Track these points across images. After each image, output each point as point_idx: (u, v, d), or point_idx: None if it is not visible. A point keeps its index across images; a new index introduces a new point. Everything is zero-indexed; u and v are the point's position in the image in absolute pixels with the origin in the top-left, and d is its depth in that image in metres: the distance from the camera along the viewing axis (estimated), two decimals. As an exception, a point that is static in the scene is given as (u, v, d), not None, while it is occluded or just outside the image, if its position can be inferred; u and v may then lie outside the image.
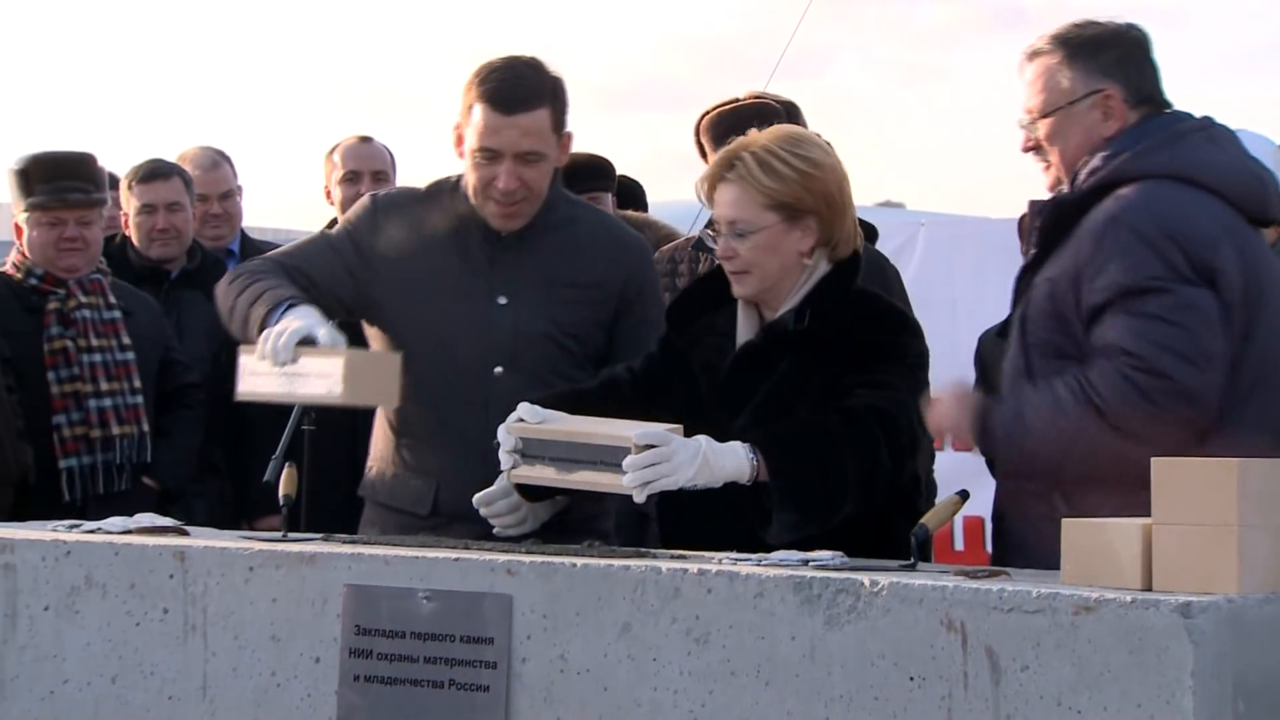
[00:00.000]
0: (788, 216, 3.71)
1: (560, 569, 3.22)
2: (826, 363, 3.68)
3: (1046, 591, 2.85)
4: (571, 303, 4.14)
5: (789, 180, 3.70)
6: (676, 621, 3.11)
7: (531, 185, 4.09)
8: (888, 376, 3.65)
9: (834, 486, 3.54)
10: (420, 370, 4.13)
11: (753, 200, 3.70)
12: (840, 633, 2.98)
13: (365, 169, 6.02)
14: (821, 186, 3.73)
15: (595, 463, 3.49)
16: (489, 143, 4.04)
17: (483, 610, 3.25)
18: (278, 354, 3.78)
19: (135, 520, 3.79)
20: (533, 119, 4.04)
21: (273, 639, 3.42)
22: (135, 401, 5.33)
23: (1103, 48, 3.68)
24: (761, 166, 3.70)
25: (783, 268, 3.74)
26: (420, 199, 4.23)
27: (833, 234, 3.76)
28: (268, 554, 3.46)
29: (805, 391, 3.67)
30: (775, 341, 3.74)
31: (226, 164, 6.48)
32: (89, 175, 5.39)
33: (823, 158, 3.76)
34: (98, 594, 3.56)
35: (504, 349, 4.11)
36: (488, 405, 4.02)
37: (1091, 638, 2.79)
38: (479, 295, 4.13)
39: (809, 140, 3.79)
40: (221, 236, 6.44)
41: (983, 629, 2.87)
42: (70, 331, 5.30)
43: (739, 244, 3.72)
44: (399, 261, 4.16)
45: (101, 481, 5.25)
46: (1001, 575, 3.07)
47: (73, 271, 5.35)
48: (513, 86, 4.03)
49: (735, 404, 3.73)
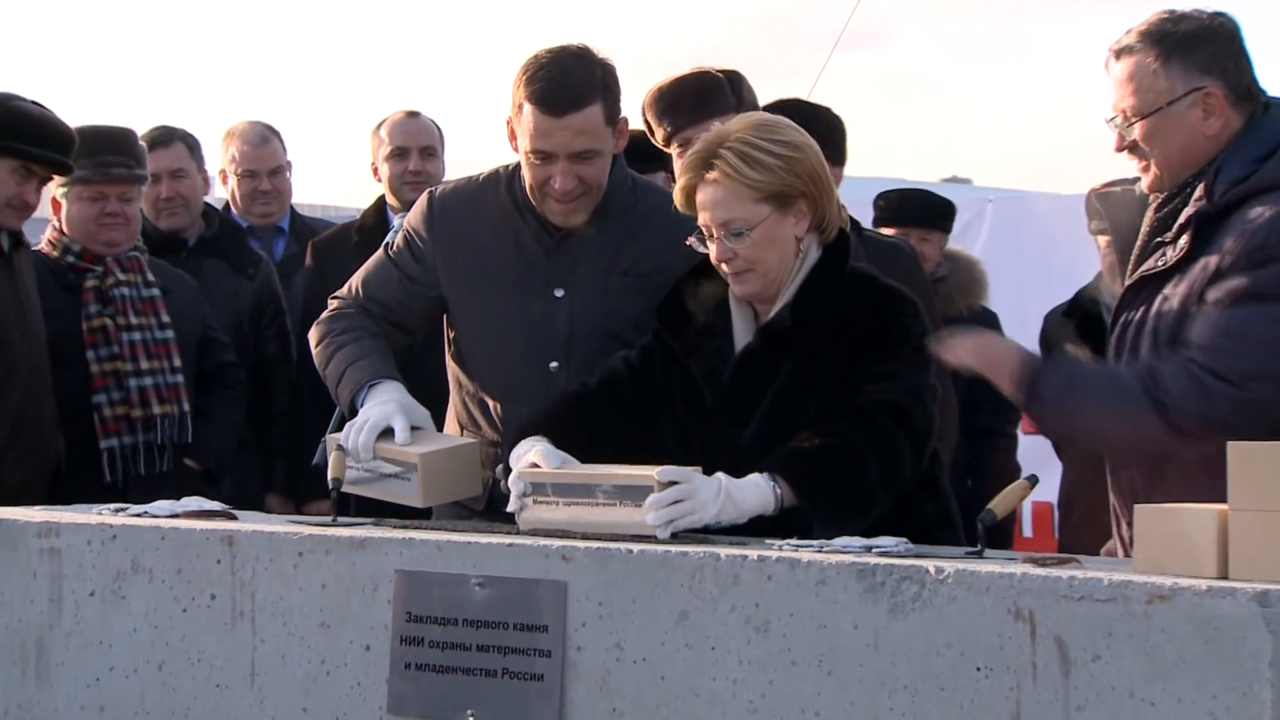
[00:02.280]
0: (780, 205, 3.72)
1: (616, 555, 3.24)
2: (829, 359, 3.69)
3: (1118, 579, 2.85)
4: (630, 293, 4.14)
5: (774, 168, 3.69)
6: (736, 609, 3.13)
7: (589, 181, 4.11)
8: (893, 365, 3.66)
9: (862, 493, 3.57)
10: (480, 364, 4.18)
11: (742, 196, 3.70)
12: (905, 621, 3.00)
13: (413, 145, 6.05)
14: (806, 167, 3.73)
15: (614, 501, 3.49)
16: (541, 145, 4.06)
17: (537, 597, 3.28)
18: (358, 455, 3.91)
19: (182, 504, 3.84)
20: (584, 118, 4.04)
21: (322, 626, 3.46)
22: (176, 380, 5.38)
23: (1198, 43, 3.64)
24: (743, 160, 3.69)
25: (782, 258, 3.74)
26: (477, 190, 4.27)
27: (823, 213, 3.77)
28: (317, 539, 3.49)
29: (811, 391, 3.69)
30: (774, 343, 3.75)
31: (276, 139, 6.53)
32: (131, 150, 5.45)
33: (799, 138, 3.76)
34: (144, 579, 3.61)
35: (559, 344, 4.14)
36: (544, 402, 4.03)
37: (1165, 627, 2.80)
38: (535, 288, 4.16)
39: (780, 123, 3.78)
40: (271, 214, 6.48)
41: (1052, 618, 2.88)
42: (109, 310, 5.35)
43: (737, 244, 3.72)
44: (457, 256, 4.20)
45: (143, 462, 5.30)
46: (1071, 562, 3.07)
47: (113, 247, 5.39)
48: (561, 86, 4.02)
49: (742, 413, 3.74)
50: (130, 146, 5.46)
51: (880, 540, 3.25)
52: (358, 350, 4.15)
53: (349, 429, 3.95)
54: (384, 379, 4.06)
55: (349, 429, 3.95)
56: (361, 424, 3.93)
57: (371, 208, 6.11)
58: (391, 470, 3.90)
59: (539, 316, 4.14)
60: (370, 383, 4.05)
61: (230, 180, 6.52)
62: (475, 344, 4.22)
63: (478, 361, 4.22)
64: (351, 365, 4.12)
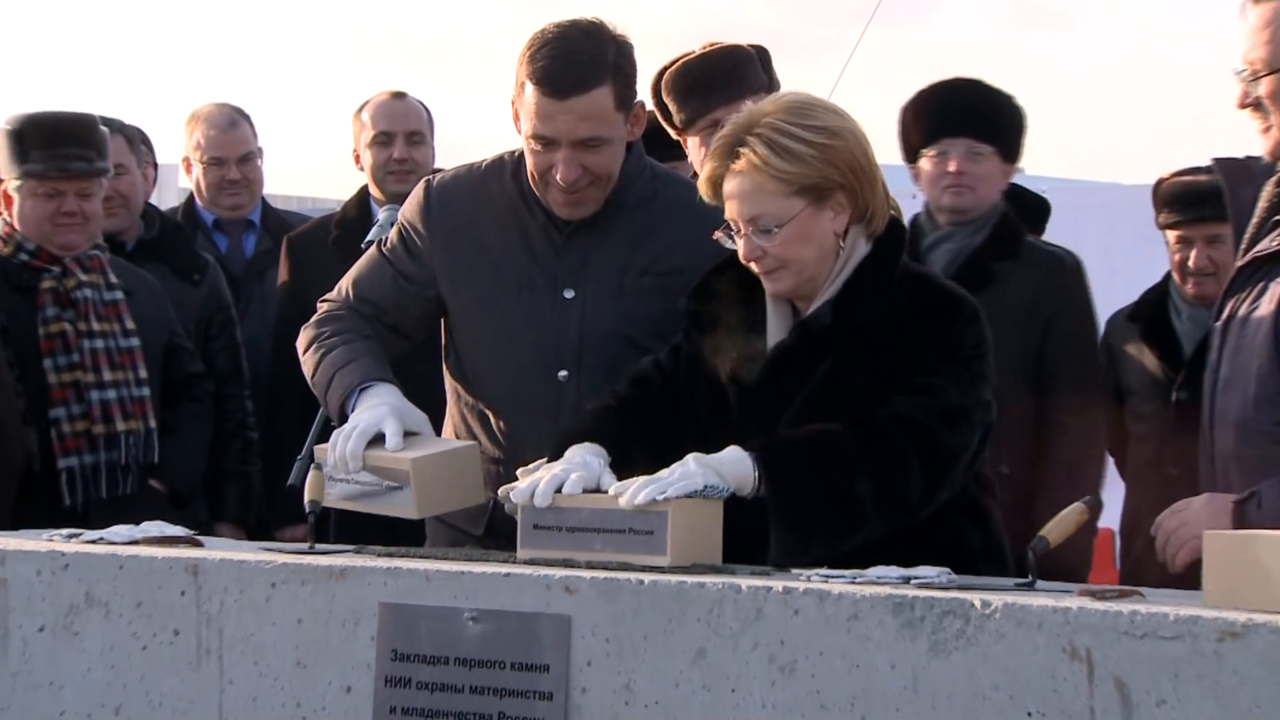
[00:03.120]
0: (815, 198, 3.68)
1: (626, 586, 3.23)
2: (869, 363, 3.66)
3: (1186, 615, 2.83)
4: (648, 294, 4.13)
5: (807, 158, 3.65)
6: (759, 647, 3.11)
7: (596, 171, 4.09)
8: (935, 378, 3.62)
9: (842, 509, 3.52)
10: (480, 372, 4.18)
11: (773, 190, 3.67)
12: (947, 661, 2.98)
13: (398, 129, 6.05)
14: (844, 155, 3.69)
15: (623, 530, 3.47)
16: (542, 130, 4.04)
17: (537, 633, 3.26)
18: (345, 465, 3.90)
19: (142, 529, 3.83)
20: (589, 102, 4.02)
21: (298, 665, 3.44)
22: (141, 394, 5.38)
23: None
24: (773, 148, 3.65)
25: (820, 255, 3.72)
26: (479, 179, 4.26)
27: (866, 205, 3.73)
28: (292, 568, 3.48)
29: (847, 397, 3.65)
30: (812, 341, 3.72)
31: (245, 123, 6.54)
32: (91, 141, 5.42)
33: (837, 122, 3.71)
34: (100, 613, 3.60)
35: (569, 350, 4.13)
36: (552, 414, 4.04)
37: (1238, 668, 2.78)
38: (542, 288, 4.15)
39: (816, 105, 3.74)
40: (240, 205, 6.49)
41: (1112, 657, 2.86)
42: (69, 314, 5.33)
43: (766, 241, 3.69)
44: (457, 252, 4.20)
45: (105, 484, 5.29)
46: (1133, 595, 3.06)
47: (70, 249, 5.38)
48: (566, 65, 4.01)
49: (768, 416, 3.70)
50: (90, 136, 5.43)
51: (920, 570, 3.23)
52: (348, 353, 4.15)
53: (336, 437, 3.94)
54: (376, 381, 4.05)
55: (336, 437, 3.94)
56: (350, 430, 3.92)
57: (353, 199, 6.12)
58: (384, 478, 3.88)
59: (547, 320, 4.14)
60: (361, 386, 4.05)
61: (195, 169, 6.53)
62: (476, 350, 4.21)
63: (478, 369, 4.21)
64: (341, 369, 4.11)
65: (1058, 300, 5.34)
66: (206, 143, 6.47)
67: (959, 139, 5.38)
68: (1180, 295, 5.65)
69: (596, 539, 3.47)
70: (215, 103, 6.58)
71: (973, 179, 5.38)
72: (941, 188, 5.41)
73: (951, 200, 5.40)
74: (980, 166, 5.40)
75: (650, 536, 3.42)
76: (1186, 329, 5.60)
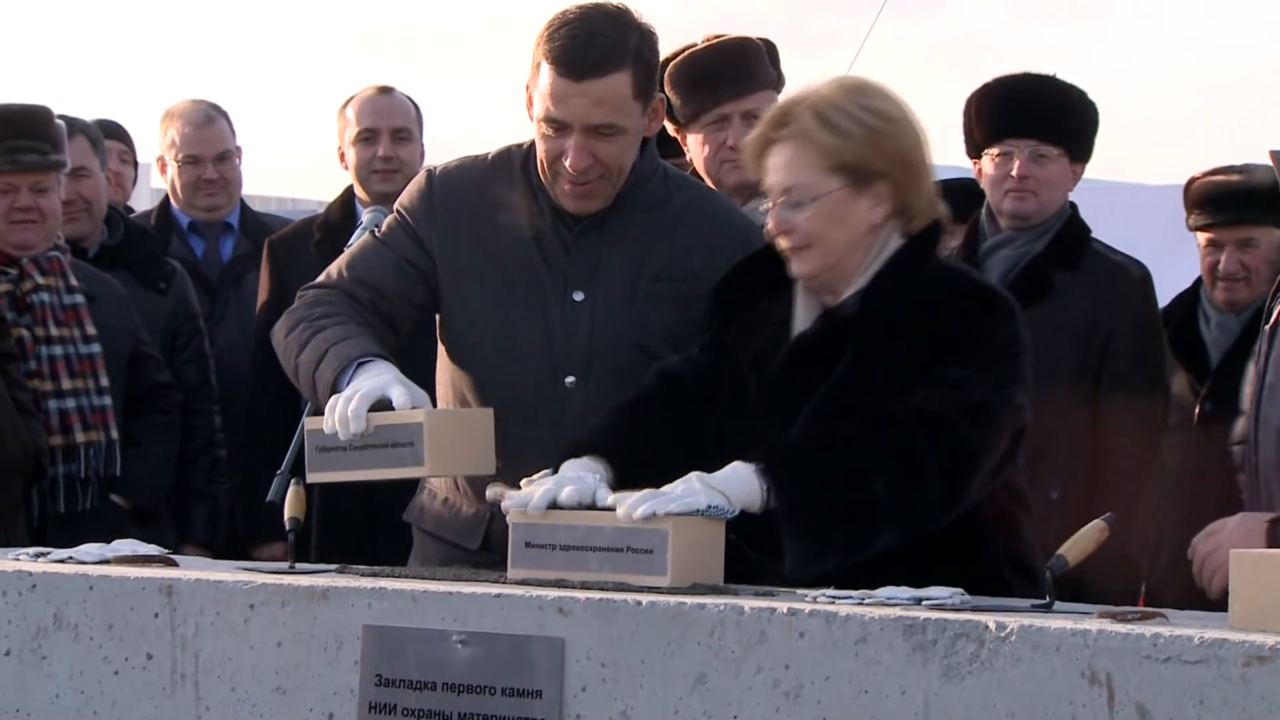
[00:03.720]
0: (854, 180, 3.72)
1: (622, 607, 3.25)
2: (894, 355, 3.68)
3: (1211, 638, 2.85)
4: (662, 300, 4.13)
5: (854, 137, 3.70)
6: (762, 671, 3.13)
7: (608, 162, 4.08)
8: (964, 372, 3.63)
9: (857, 512, 3.54)
10: (481, 376, 4.15)
11: (811, 162, 3.71)
12: (960, 686, 3.00)
13: (384, 126, 6.06)
14: (893, 144, 3.73)
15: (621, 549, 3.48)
16: (555, 113, 4.04)
17: (530, 657, 3.27)
18: (347, 425, 3.83)
19: (113, 548, 3.84)
20: (606, 86, 4.02)
21: (277, 691, 3.46)
22: (102, 403, 5.37)
23: None
24: (821, 121, 3.70)
25: (849, 242, 3.75)
26: (485, 172, 4.24)
27: (908, 201, 3.77)
28: (271, 589, 3.49)
29: (869, 390, 3.68)
30: (835, 332, 3.75)
31: (223, 120, 6.55)
32: (44, 133, 5.41)
33: (894, 110, 3.76)
34: (69, 636, 3.61)
35: (577, 355, 4.12)
36: (558, 423, 4.04)
37: (1265, 694, 2.80)
38: (550, 290, 4.13)
39: (877, 90, 3.79)
40: (217, 207, 6.50)
41: (1133, 682, 2.88)
42: (25, 319, 5.33)
43: (796, 215, 3.73)
44: (460, 246, 4.18)
45: (63, 498, 5.29)
46: (1156, 617, 3.08)
47: (27, 249, 5.37)
48: (585, 46, 4.01)
49: (788, 408, 3.74)
50: (44, 128, 5.43)
51: (932, 591, 3.25)
52: (344, 330, 4.07)
53: (335, 401, 3.87)
54: (375, 357, 3.99)
55: (335, 401, 3.87)
56: (351, 394, 3.86)
57: (337, 200, 6.13)
58: (389, 439, 3.82)
59: (555, 323, 4.13)
60: (359, 360, 3.98)
61: (170, 168, 6.54)
62: (477, 351, 4.18)
63: (479, 373, 4.18)
64: (337, 344, 4.03)
65: (1119, 315, 5.29)
66: (181, 140, 6.48)
67: (1024, 140, 5.35)
68: (1210, 302, 5.65)
69: (592, 558, 3.49)
70: (191, 99, 6.59)
71: (1036, 183, 5.35)
72: (1004, 191, 5.39)
73: (1013, 205, 5.37)
74: (1046, 170, 5.37)
75: (649, 556, 3.45)
76: (1214, 337, 5.60)
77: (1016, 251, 5.40)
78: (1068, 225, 5.40)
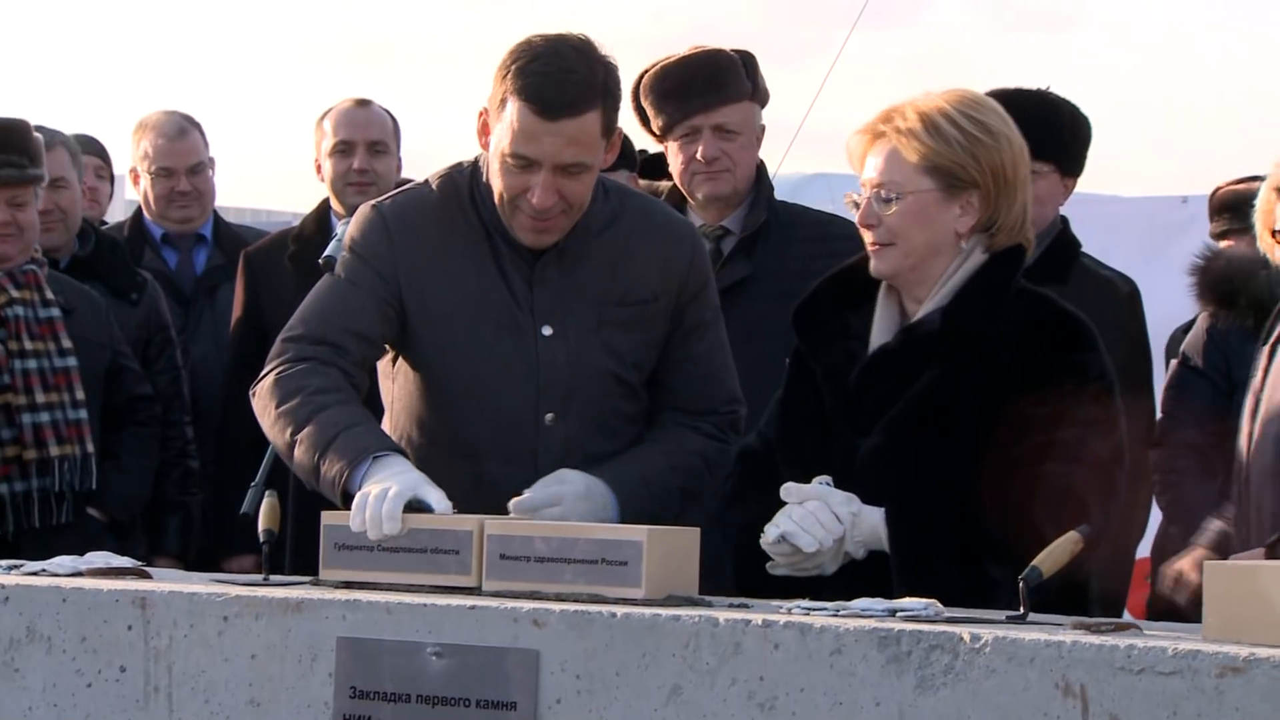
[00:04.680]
0: (946, 185, 3.77)
1: (597, 619, 3.25)
2: (984, 382, 3.71)
3: (1185, 649, 2.86)
4: (628, 324, 4.09)
5: (953, 142, 3.75)
6: (737, 683, 3.13)
7: (572, 199, 4.00)
8: (1071, 431, 3.66)
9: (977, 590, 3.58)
10: (455, 416, 4.07)
11: (906, 160, 3.77)
12: (935, 698, 3.00)
13: (359, 138, 6.07)
14: (992, 156, 3.78)
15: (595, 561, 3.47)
16: (525, 150, 3.94)
17: (504, 669, 3.27)
18: (379, 525, 3.63)
19: (87, 560, 3.83)
20: (580, 126, 3.94)
21: (251, 703, 3.45)
22: (78, 416, 5.36)
23: None
24: (924, 124, 3.76)
25: (932, 246, 3.78)
26: (438, 203, 4.11)
27: (996, 216, 3.80)
28: (245, 601, 3.49)
29: (954, 412, 3.71)
30: (917, 346, 3.77)
31: (196, 132, 6.54)
32: (23, 145, 5.40)
33: (999, 125, 3.81)
34: (42, 648, 3.60)
35: (556, 392, 4.05)
36: (535, 461, 4.00)
37: (1240, 705, 2.80)
38: (519, 326, 4.06)
39: (987, 104, 3.85)
40: (190, 219, 6.49)
41: (1108, 694, 2.89)
42: (0, 332, 5.33)
43: (884, 210, 3.77)
44: (424, 287, 4.06)
45: (38, 513, 5.28)
46: (1130, 629, 3.08)
47: (3, 262, 5.37)
48: (560, 85, 3.92)
49: (864, 419, 3.77)
50: (22, 141, 5.42)
51: (906, 603, 3.25)
52: (350, 414, 3.92)
53: (364, 498, 3.68)
54: (392, 452, 3.85)
55: (364, 498, 3.68)
56: (383, 491, 3.66)
57: (313, 213, 6.13)
58: (426, 545, 3.62)
59: (529, 360, 4.05)
60: (377, 454, 3.82)
61: (143, 180, 6.53)
62: (450, 393, 4.09)
63: (452, 411, 4.10)
64: (348, 430, 3.87)
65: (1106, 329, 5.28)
66: (154, 152, 6.47)
67: None
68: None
69: (567, 569, 3.48)
70: (164, 110, 6.58)
71: None
72: None
73: None
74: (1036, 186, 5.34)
75: (624, 567, 3.44)
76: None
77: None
78: (1058, 239, 5.39)
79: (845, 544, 3.65)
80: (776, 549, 3.67)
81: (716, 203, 5.07)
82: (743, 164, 5.12)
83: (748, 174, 5.15)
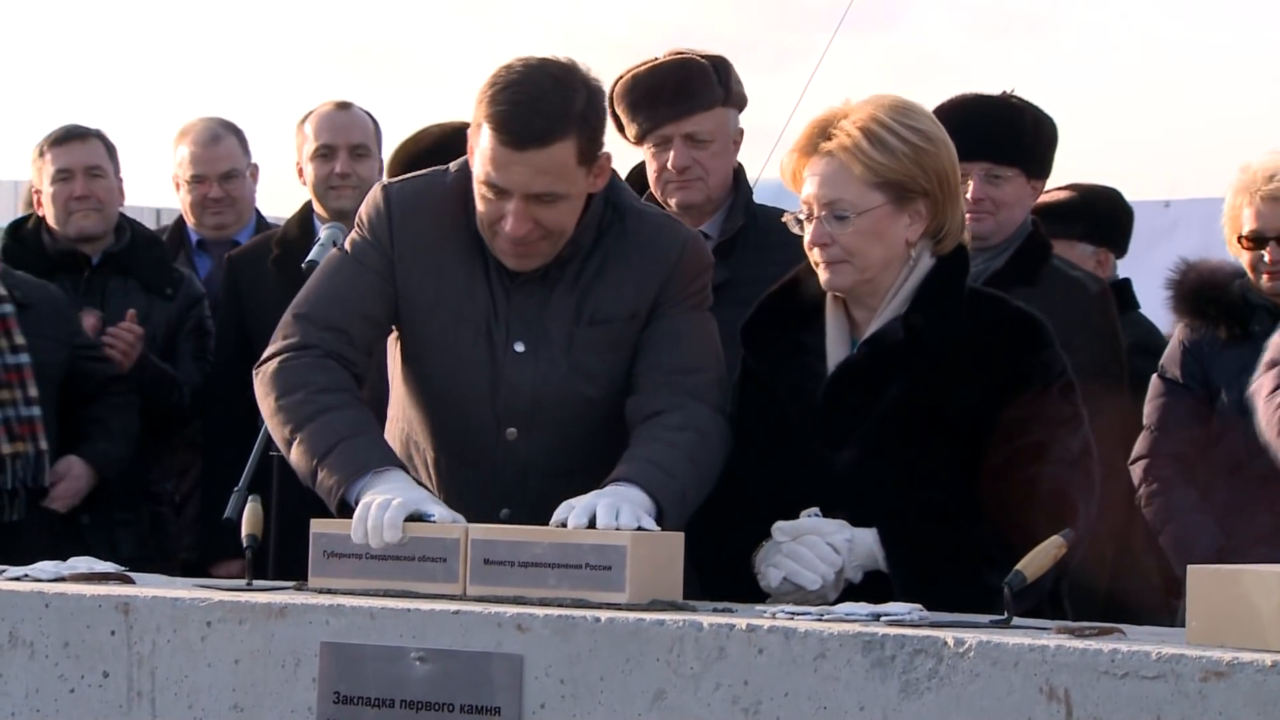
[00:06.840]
0: (896, 198, 3.76)
1: (581, 624, 3.24)
2: (954, 387, 3.72)
3: (1168, 653, 2.86)
4: (600, 345, 4.04)
5: (900, 155, 3.74)
6: (721, 688, 3.13)
7: (549, 226, 3.95)
8: (1046, 430, 3.69)
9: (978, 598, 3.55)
10: (425, 417, 4.07)
11: (856, 177, 3.74)
12: (919, 702, 3.00)
13: (340, 142, 6.05)
14: (935, 164, 3.78)
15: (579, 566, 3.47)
16: (495, 178, 3.91)
17: (488, 674, 3.27)
18: (380, 534, 3.62)
19: (69, 565, 3.82)
20: (549, 156, 3.88)
21: (235, 709, 3.45)
22: (30, 414, 5.34)
23: None
24: (868, 138, 3.73)
25: (886, 259, 3.78)
26: (444, 195, 4.08)
27: (944, 221, 3.80)
28: (229, 606, 3.48)
29: (927, 418, 3.71)
30: (881, 358, 3.77)
31: (232, 138, 6.50)
32: None
33: (936, 131, 3.81)
34: (24, 654, 3.59)
35: (520, 408, 4.03)
36: (496, 471, 4.00)
37: (1223, 709, 2.81)
38: (493, 338, 4.03)
39: (919, 110, 3.84)
40: (225, 225, 6.47)
41: (1091, 698, 2.89)
42: None
43: (837, 229, 3.75)
44: (414, 278, 4.05)
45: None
46: (1113, 633, 3.08)
47: None
48: (528, 113, 3.88)
49: (836, 433, 3.77)
50: None
51: (890, 607, 3.25)
52: (354, 422, 3.91)
53: (364, 508, 3.68)
54: (394, 467, 3.85)
55: (364, 508, 3.68)
56: (386, 501, 3.66)
57: (295, 216, 6.11)
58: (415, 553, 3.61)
59: (498, 374, 4.03)
60: (378, 468, 3.82)
61: (181, 188, 6.53)
62: (422, 392, 4.10)
63: (423, 413, 4.10)
64: (350, 439, 3.87)
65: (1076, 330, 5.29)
66: (190, 159, 6.46)
67: (977, 162, 5.32)
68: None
69: (550, 574, 3.48)
70: (203, 116, 6.57)
71: (993, 204, 5.31)
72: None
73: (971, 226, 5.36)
74: (1001, 190, 5.33)
75: (608, 572, 3.44)
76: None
77: (976, 268, 5.39)
78: (1028, 242, 5.38)
79: (845, 572, 3.64)
80: (780, 590, 3.65)
81: (689, 211, 5.04)
82: (715, 171, 5.09)
83: (722, 181, 5.12)
